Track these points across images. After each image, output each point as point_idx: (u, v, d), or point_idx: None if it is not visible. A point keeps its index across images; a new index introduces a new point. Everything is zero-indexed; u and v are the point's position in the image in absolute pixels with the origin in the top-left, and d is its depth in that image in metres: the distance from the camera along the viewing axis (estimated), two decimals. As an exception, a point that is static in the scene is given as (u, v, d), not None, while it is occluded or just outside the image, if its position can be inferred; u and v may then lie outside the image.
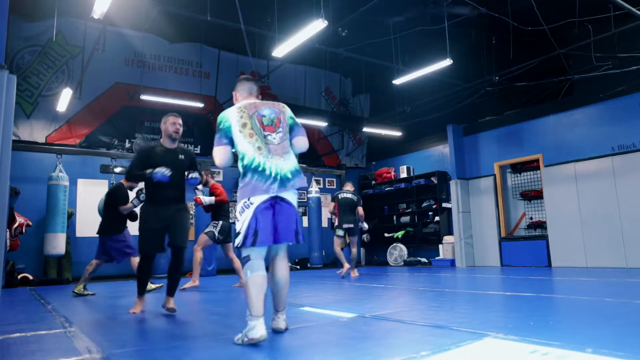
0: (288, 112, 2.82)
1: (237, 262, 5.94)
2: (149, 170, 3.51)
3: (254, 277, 2.44)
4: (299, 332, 2.72)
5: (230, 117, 2.67)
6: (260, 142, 2.58)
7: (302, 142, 2.80)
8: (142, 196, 5.65)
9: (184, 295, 5.15)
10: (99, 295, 5.41)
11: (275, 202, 2.53)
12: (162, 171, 3.47)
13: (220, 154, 2.64)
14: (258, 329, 2.31)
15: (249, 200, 2.49)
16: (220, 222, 5.88)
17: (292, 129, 2.78)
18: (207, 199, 5.88)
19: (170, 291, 3.68)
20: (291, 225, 2.58)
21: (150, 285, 5.70)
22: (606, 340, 2.19)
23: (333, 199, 7.53)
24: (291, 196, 2.61)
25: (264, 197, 2.48)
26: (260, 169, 2.50)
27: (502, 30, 8.35)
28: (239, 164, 2.62)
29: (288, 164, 2.60)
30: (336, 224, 7.39)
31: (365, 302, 4.17)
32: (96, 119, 9.00)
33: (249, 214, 2.47)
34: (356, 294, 4.89)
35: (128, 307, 4.20)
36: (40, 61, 8.51)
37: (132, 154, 8.98)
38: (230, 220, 6.00)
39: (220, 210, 5.94)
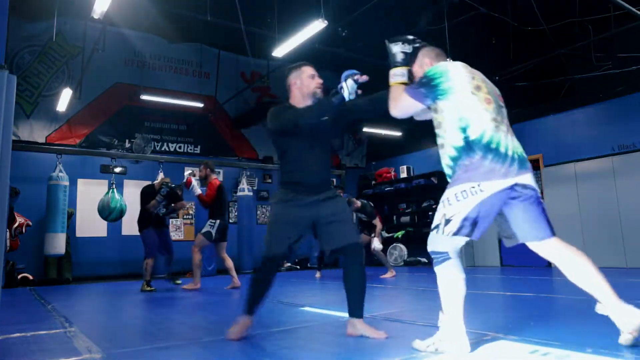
0: None
1: (229, 262, 5.84)
2: (333, 90, 2.40)
3: (457, 279, 2.05)
4: (299, 332, 2.72)
5: (455, 73, 2.09)
6: (496, 113, 2.06)
7: None
8: (164, 190, 5.71)
9: (185, 296, 5.15)
10: (99, 295, 5.42)
11: (514, 192, 2.00)
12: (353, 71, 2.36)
13: (407, 105, 2.16)
14: (463, 341, 2.00)
15: (478, 186, 1.95)
16: (218, 221, 5.68)
17: None
18: (198, 189, 5.78)
19: (357, 310, 2.52)
20: (541, 217, 2.03)
21: (145, 287, 5.66)
22: (606, 340, 2.18)
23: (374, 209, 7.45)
24: (533, 180, 2.05)
25: (502, 183, 1.95)
26: (494, 146, 1.97)
27: (502, 30, 8.35)
28: (456, 136, 2.05)
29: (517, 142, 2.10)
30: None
31: (365, 302, 4.17)
32: (96, 119, 8.99)
33: (473, 201, 1.95)
34: (356, 294, 4.88)
35: (128, 307, 4.20)
36: (40, 61, 8.51)
37: (132, 154, 8.98)
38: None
39: (219, 208, 5.78)
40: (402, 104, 2.16)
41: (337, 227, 2.49)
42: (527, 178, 2.01)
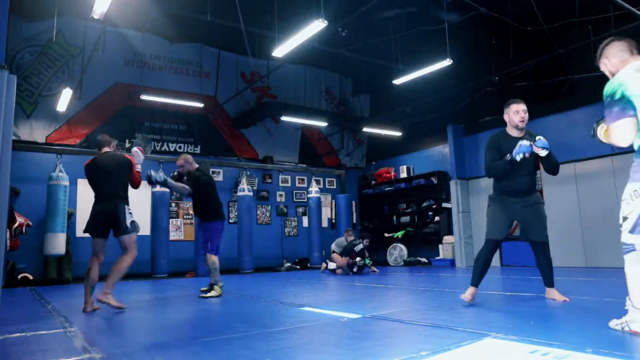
0: None
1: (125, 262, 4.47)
2: (508, 156, 3.42)
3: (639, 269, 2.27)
4: (299, 332, 2.72)
5: (630, 82, 2.19)
6: None
7: None
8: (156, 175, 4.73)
9: (184, 296, 5.14)
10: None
11: None
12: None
13: (626, 129, 2.24)
14: None
15: None
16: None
17: None
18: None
19: (549, 281, 3.78)
20: None
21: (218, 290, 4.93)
22: (606, 340, 2.18)
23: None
24: None
25: None
26: None
27: (502, 30, 8.35)
28: (637, 140, 2.27)
29: None
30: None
31: (365, 302, 4.17)
32: (96, 119, 8.99)
33: None
34: (356, 294, 4.89)
35: (128, 307, 4.19)
36: (40, 61, 8.51)
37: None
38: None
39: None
40: (622, 130, 2.25)
41: (533, 226, 3.70)
42: None
